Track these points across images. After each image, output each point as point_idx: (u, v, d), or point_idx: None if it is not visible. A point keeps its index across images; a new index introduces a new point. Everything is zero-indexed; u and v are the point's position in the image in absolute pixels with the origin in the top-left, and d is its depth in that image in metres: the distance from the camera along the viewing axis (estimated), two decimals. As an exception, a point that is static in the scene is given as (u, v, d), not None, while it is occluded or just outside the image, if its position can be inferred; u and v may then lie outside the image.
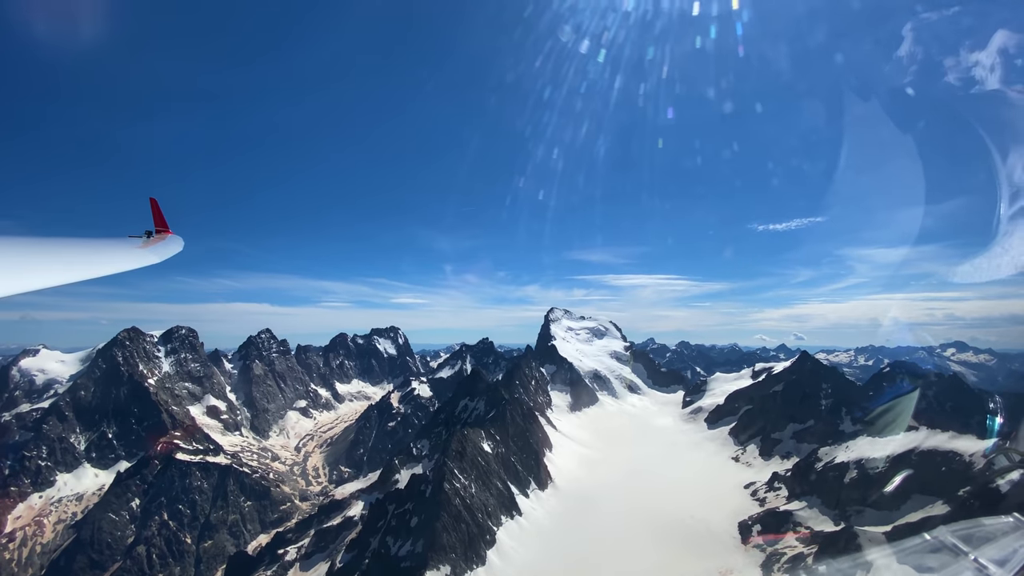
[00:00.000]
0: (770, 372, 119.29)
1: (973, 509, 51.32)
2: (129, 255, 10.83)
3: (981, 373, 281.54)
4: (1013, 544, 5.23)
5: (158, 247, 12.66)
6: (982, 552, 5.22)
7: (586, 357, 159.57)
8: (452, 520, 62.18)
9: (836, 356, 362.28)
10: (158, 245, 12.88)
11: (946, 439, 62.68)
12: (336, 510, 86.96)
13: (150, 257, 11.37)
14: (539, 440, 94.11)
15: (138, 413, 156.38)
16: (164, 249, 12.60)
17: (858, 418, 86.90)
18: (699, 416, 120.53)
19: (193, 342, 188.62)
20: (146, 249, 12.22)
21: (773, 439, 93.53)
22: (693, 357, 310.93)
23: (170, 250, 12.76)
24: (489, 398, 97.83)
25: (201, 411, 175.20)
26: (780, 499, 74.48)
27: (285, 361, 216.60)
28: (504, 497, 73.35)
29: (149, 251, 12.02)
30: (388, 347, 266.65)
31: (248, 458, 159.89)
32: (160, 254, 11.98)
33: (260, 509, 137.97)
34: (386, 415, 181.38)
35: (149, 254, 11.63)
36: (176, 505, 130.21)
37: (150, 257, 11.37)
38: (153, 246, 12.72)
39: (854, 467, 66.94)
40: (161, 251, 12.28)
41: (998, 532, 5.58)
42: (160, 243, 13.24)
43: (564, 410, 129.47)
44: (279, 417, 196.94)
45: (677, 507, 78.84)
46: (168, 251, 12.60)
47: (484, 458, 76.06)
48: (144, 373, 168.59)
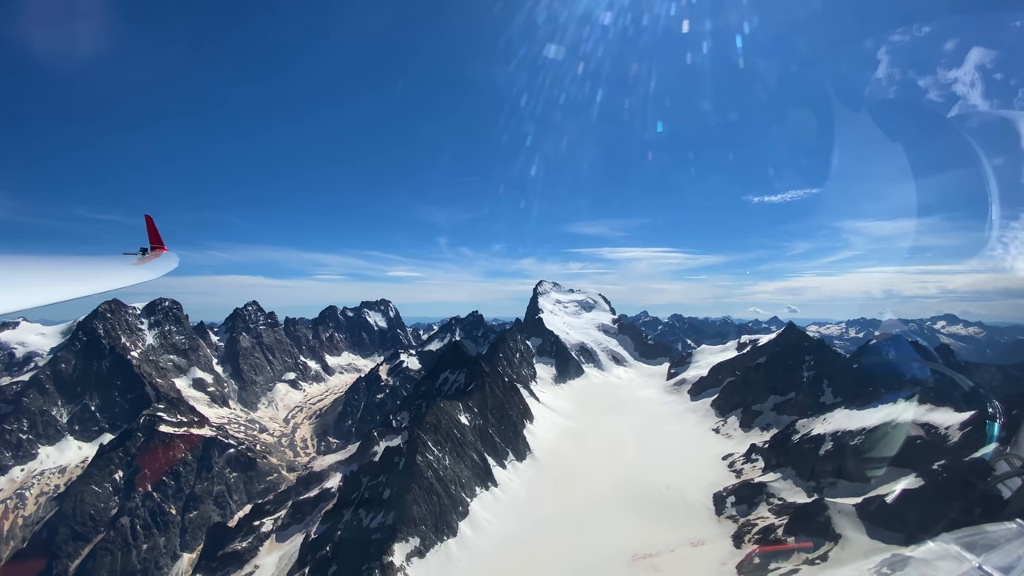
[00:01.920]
0: (755, 344, 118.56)
1: (945, 483, 50.71)
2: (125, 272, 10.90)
3: (970, 346, 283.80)
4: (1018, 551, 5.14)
5: (153, 264, 12.81)
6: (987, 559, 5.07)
7: (573, 330, 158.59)
8: (423, 492, 61.46)
9: (828, 329, 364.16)
10: (153, 262, 13.05)
11: (924, 411, 61.86)
12: (314, 482, 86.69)
13: (146, 274, 11.38)
14: (519, 412, 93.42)
15: (121, 386, 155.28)
16: (159, 266, 12.68)
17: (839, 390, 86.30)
18: (683, 388, 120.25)
19: (177, 314, 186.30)
20: (141, 266, 12.27)
21: (754, 411, 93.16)
22: (685, 330, 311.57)
23: (165, 267, 12.85)
24: (470, 371, 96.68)
25: (187, 384, 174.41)
26: (756, 471, 74.25)
27: (273, 334, 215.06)
28: (479, 469, 72.77)
29: (144, 268, 12.07)
30: (379, 320, 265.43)
31: (235, 430, 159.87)
32: (155, 271, 12.04)
33: (247, 480, 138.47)
34: (375, 387, 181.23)
35: (144, 271, 11.66)
36: (160, 477, 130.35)
37: (146, 274, 11.38)
38: (148, 263, 12.87)
39: (830, 439, 66.33)
40: (156, 268, 12.34)
41: (1002, 539, 5.51)
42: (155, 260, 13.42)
43: (548, 382, 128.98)
44: (267, 389, 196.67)
45: (655, 478, 78.71)
46: (163, 268, 12.67)
47: (460, 430, 75.17)
48: (127, 346, 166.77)
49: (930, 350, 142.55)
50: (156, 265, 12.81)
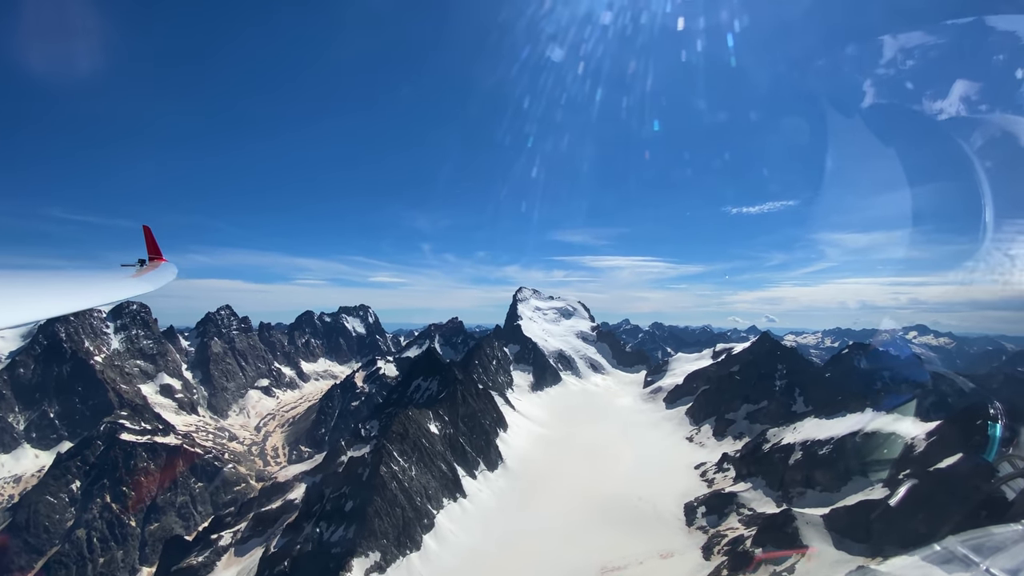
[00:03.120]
0: (730, 352, 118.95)
1: (911, 493, 50.58)
2: (123, 284, 10.70)
3: (941, 355, 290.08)
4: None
5: (152, 275, 12.55)
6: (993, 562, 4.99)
7: (552, 337, 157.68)
8: (386, 505, 59.39)
9: (805, 338, 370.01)
10: (152, 273, 12.77)
11: (890, 421, 62.03)
12: (278, 493, 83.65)
13: (144, 286, 11.22)
14: (493, 420, 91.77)
15: (82, 392, 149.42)
16: (158, 277, 12.45)
17: (810, 399, 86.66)
18: (658, 396, 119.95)
19: (146, 318, 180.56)
20: (139, 278, 12.01)
21: (727, 419, 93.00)
22: (665, 338, 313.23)
23: (164, 278, 12.61)
24: (443, 378, 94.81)
25: (154, 390, 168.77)
26: (728, 480, 73.73)
27: (246, 339, 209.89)
28: (448, 479, 70.87)
29: (143, 280, 11.84)
30: (357, 326, 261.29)
31: (202, 438, 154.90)
32: (154, 282, 11.82)
33: (213, 490, 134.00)
34: (350, 394, 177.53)
35: (143, 283, 11.46)
36: (119, 487, 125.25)
37: (144, 286, 11.22)
38: (147, 274, 12.58)
39: (799, 448, 66.13)
40: (155, 279, 12.12)
41: (1008, 541, 5.41)
42: (154, 271, 13.11)
43: (525, 390, 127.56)
44: (239, 396, 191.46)
45: (627, 488, 77.71)
46: (162, 279, 12.43)
47: (429, 440, 73.23)
48: (90, 350, 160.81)
49: (909, 359, 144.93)
50: (155, 277, 12.57)
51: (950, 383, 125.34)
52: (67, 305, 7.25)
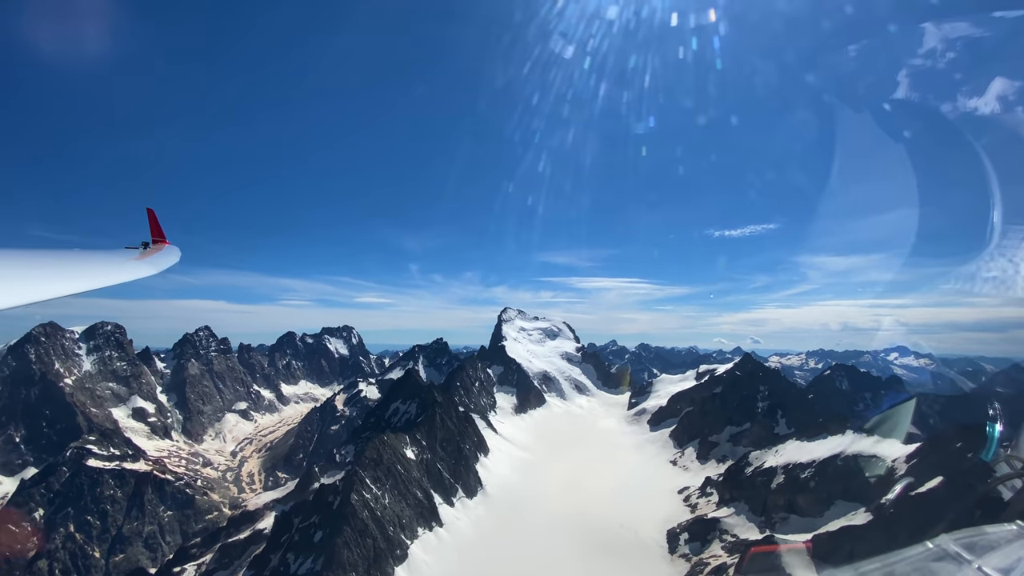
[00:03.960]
0: (713, 374, 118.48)
1: (893, 518, 49.78)
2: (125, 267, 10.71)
3: (921, 376, 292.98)
4: (1018, 552, 5.07)
5: (155, 258, 12.46)
6: (986, 560, 4.96)
7: (536, 358, 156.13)
8: (356, 535, 56.88)
9: (789, 359, 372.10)
10: (155, 256, 12.69)
11: (871, 443, 61.47)
12: (247, 522, 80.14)
13: (147, 268, 11.15)
14: (473, 444, 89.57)
15: (50, 415, 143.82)
16: (161, 260, 12.36)
17: (793, 421, 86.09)
18: (642, 418, 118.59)
19: (120, 339, 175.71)
20: (142, 260, 11.98)
21: (711, 442, 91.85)
22: (651, 359, 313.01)
23: (167, 261, 12.51)
24: (422, 401, 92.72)
25: (126, 413, 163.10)
26: (711, 505, 72.26)
27: (225, 360, 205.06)
28: (424, 507, 68.43)
29: (145, 262, 11.78)
30: (340, 347, 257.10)
31: (174, 464, 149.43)
32: (156, 265, 11.72)
33: (182, 519, 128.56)
34: (330, 418, 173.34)
35: (146, 265, 11.40)
36: (84, 516, 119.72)
37: (147, 268, 11.15)
38: (150, 257, 12.49)
39: (781, 472, 65.14)
40: (158, 262, 12.02)
41: (1002, 540, 5.39)
42: (157, 254, 13.04)
43: (508, 412, 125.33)
44: (215, 420, 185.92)
45: (609, 514, 75.77)
46: (165, 262, 12.33)
47: (404, 465, 70.94)
48: (60, 372, 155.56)
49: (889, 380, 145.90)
50: (158, 259, 12.38)
51: (934, 403, 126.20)
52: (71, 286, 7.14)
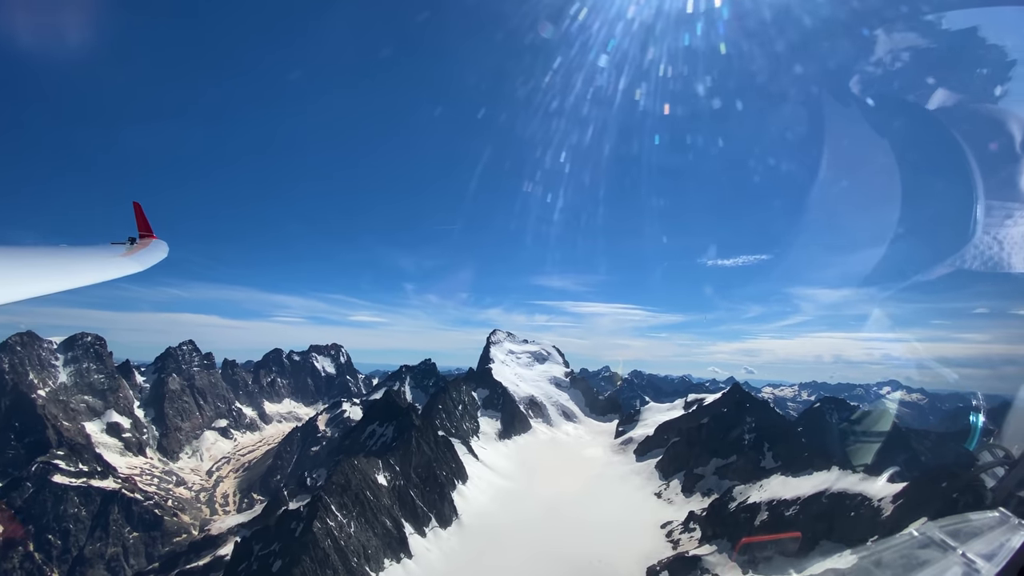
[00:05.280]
0: (701, 403, 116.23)
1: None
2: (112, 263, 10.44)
3: (913, 411, 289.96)
4: (999, 538, 5.18)
5: (142, 254, 12.10)
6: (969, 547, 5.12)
7: (524, 382, 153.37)
8: (315, 566, 53.83)
9: (782, 391, 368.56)
10: (142, 252, 12.33)
11: (856, 481, 59.41)
12: (208, 547, 76.45)
13: (133, 265, 10.87)
14: (451, 471, 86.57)
15: (19, 428, 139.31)
16: (148, 256, 12.08)
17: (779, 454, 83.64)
18: (629, 447, 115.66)
19: (99, 351, 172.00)
20: (129, 257, 11.59)
21: (696, 474, 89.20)
22: (643, 386, 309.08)
23: (154, 257, 12.26)
24: (399, 423, 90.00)
25: (100, 428, 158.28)
26: (693, 542, 69.42)
27: (207, 376, 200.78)
28: (392, 537, 65.30)
29: (132, 259, 11.42)
30: (327, 365, 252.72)
31: (146, 482, 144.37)
32: (143, 262, 11.44)
33: (149, 541, 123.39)
34: (311, 439, 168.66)
35: (132, 262, 11.09)
36: (45, 535, 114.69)
37: (133, 265, 10.87)
38: (136, 253, 12.13)
39: (765, 508, 62.74)
40: (145, 258, 11.74)
41: (984, 527, 5.54)
42: (144, 249, 12.71)
43: (492, 438, 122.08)
44: (193, 437, 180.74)
45: (588, 549, 72.66)
46: (152, 258, 12.09)
47: (374, 492, 68.02)
48: (34, 383, 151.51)
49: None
50: (145, 255, 12.05)
51: (924, 440, 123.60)
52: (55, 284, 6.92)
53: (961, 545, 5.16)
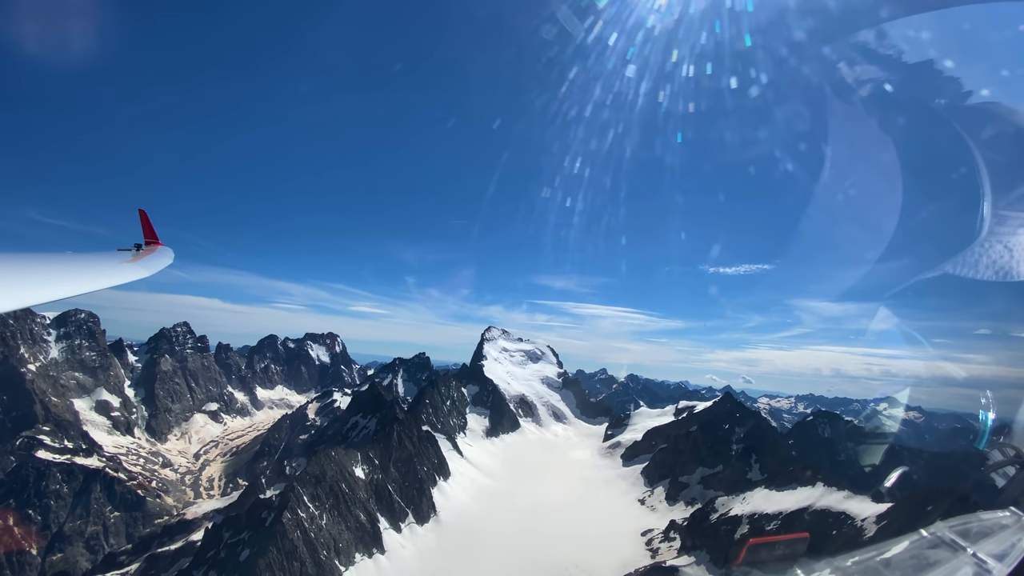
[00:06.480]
0: (691, 411, 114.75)
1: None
2: (118, 269, 10.43)
3: (909, 429, 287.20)
4: (1011, 538, 5.11)
5: (147, 260, 12.37)
6: (981, 546, 5.05)
7: (515, 380, 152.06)
8: (282, 556, 52.71)
9: (779, 401, 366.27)
10: (148, 258, 12.64)
11: (841, 499, 57.73)
12: (181, 532, 75.57)
13: (139, 271, 10.91)
14: (432, 467, 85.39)
15: (7, 402, 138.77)
16: (154, 262, 12.32)
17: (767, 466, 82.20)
18: (616, 451, 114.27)
19: (92, 328, 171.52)
20: (135, 263, 11.78)
21: (681, 483, 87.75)
22: (638, 391, 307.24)
23: (160, 263, 12.49)
24: (383, 416, 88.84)
25: (89, 406, 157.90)
26: (672, 552, 68.02)
27: (201, 359, 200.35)
28: (365, 532, 64.16)
29: (138, 265, 11.56)
30: (322, 354, 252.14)
31: (131, 462, 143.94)
32: (149, 268, 11.59)
33: (130, 521, 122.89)
34: (300, 427, 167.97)
35: (138, 268, 11.20)
36: (25, 510, 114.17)
37: (139, 271, 10.91)
38: (142, 259, 12.40)
39: (746, 521, 61.22)
40: (150, 264, 11.93)
41: (996, 526, 5.49)
42: (150, 256, 12.97)
43: (479, 435, 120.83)
44: (183, 419, 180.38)
45: (565, 553, 71.34)
46: (158, 264, 12.31)
47: (350, 485, 66.87)
48: (25, 357, 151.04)
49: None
50: (151, 261, 12.27)
51: (919, 459, 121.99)
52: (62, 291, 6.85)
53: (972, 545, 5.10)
